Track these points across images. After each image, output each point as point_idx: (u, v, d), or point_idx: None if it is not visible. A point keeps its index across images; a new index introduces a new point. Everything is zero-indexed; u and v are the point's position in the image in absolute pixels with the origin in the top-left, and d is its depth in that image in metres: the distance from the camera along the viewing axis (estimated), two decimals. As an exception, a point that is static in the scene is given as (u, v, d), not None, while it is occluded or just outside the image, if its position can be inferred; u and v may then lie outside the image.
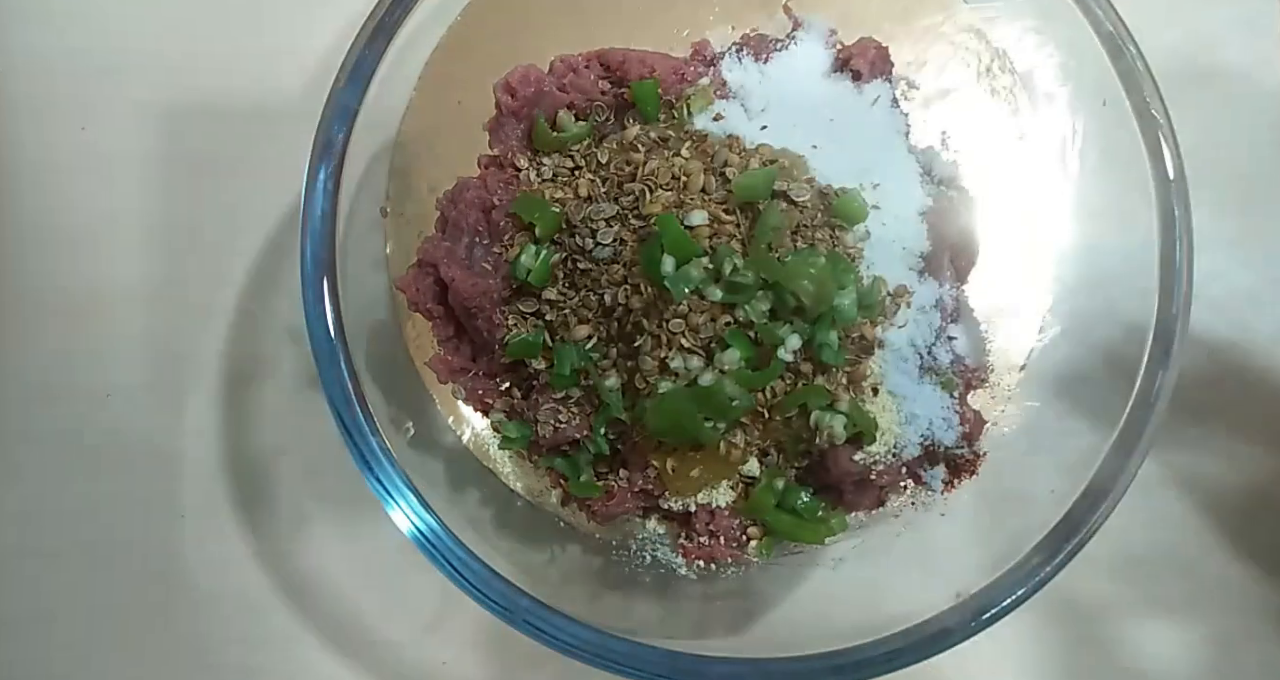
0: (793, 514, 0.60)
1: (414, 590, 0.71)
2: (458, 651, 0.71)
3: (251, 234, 0.73)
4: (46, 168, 0.74)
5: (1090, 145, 0.65)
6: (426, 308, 0.63)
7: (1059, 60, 0.66)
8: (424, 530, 0.57)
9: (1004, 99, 0.68)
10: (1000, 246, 0.66)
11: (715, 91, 0.62)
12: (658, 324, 0.56)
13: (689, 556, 0.62)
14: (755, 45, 0.64)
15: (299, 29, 0.74)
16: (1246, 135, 0.74)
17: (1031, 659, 0.71)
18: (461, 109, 0.66)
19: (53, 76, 0.75)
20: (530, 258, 0.59)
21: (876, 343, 0.58)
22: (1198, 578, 0.71)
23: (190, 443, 0.72)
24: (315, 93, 0.59)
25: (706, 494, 0.61)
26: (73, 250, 0.73)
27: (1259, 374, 0.72)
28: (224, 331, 0.73)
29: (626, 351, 0.58)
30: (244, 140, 0.74)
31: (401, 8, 0.59)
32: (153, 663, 0.71)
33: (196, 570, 0.72)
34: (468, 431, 0.68)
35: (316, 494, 0.72)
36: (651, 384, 0.57)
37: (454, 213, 0.62)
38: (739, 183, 0.56)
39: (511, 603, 0.56)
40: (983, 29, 0.67)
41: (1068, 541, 0.57)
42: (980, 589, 0.57)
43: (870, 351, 0.58)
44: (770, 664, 0.56)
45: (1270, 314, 0.73)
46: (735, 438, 0.58)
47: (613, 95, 0.63)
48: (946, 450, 0.61)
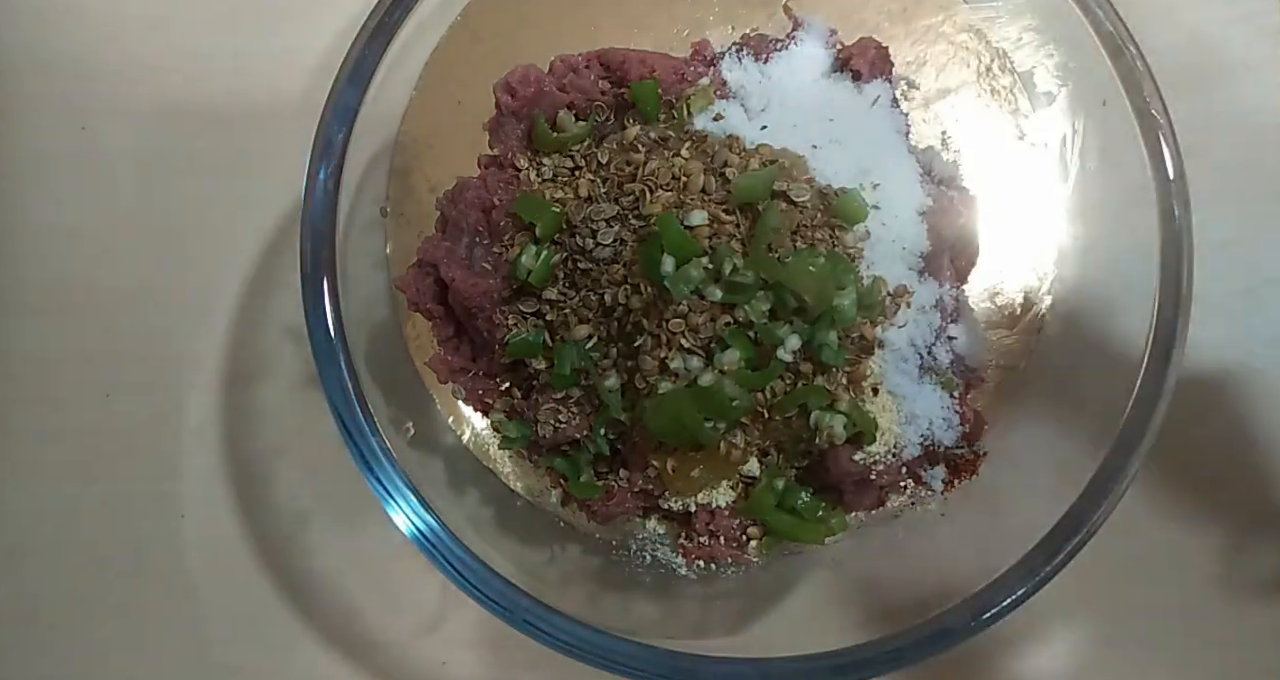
0: (793, 514, 0.60)
1: (414, 590, 0.71)
2: (458, 651, 0.71)
3: (251, 234, 0.73)
4: (46, 168, 0.74)
5: (1090, 145, 0.65)
6: (426, 308, 0.63)
7: (1059, 60, 0.66)
8: (424, 530, 0.57)
9: (1004, 99, 0.68)
10: (1000, 246, 0.66)
11: (715, 91, 0.62)
12: (658, 324, 0.56)
13: (689, 556, 0.62)
14: (755, 45, 0.64)
15: (299, 29, 0.74)
16: (1246, 135, 0.74)
17: (1032, 659, 0.71)
18: (461, 109, 0.66)
19: (53, 76, 0.75)
20: (530, 258, 0.59)
21: (876, 343, 0.58)
22: (1198, 578, 0.71)
23: (190, 443, 0.72)
24: (315, 93, 0.59)
25: (706, 494, 0.61)
26: (73, 250, 0.73)
27: (1259, 374, 0.72)
28: (224, 331, 0.73)
29: (626, 351, 0.58)
30: (244, 140, 0.74)
31: (401, 8, 0.59)
32: (153, 663, 0.71)
33: (196, 570, 0.72)
34: (468, 431, 0.68)
35: (316, 494, 0.72)
36: (651, 384, 0.57)
37: (454, 213, 0.62)
38: (739, 183, 0.56)
39: (511, 603, 0.56)
40: (983, 29, 0.67)
41: (1068, 541, 0.57)
42: (980, 589, 0.57)
43: (870, 352, 0.58)
44: (770, 664, 0.56)
45: (1270, 314, 0.73)
46: (735, 438, 0.58)
47: (613, 95, 0.63)
48: (946, 450, 0.61)
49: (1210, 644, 0.71)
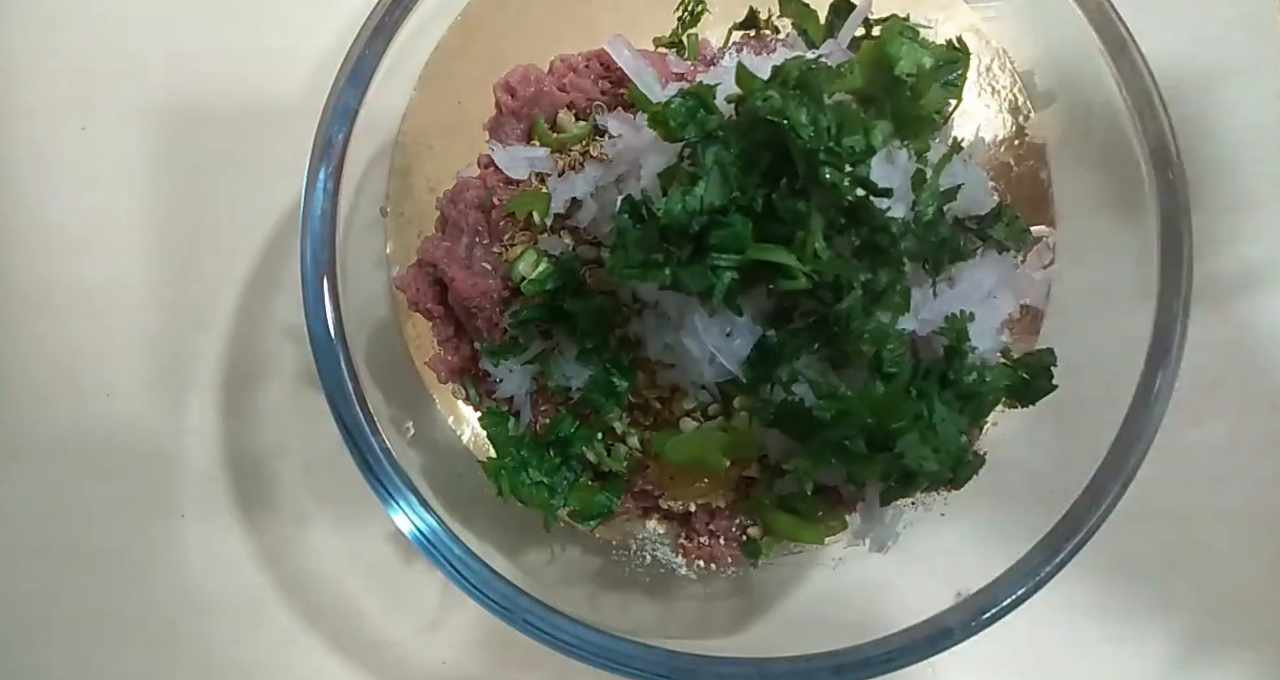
0: (793, 514, 0.60)
1: (414, 590, 0.71)
2: (458, 651, 0.71)
3: (251, 234, 0.73)
4: (46, 168, 0.74)
5: (1090, 145, 0.65)
6: (426, 308, 0.63)
7: (1059, 60, 0.65)
8: (424, 530, 0.57)
9: (1004, 99, 0.67)
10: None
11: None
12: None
13: (689, 556, 0.63)
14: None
15: (299, 29, 0.74)
16: (1246, 135, 0.74)
17: (1031, 659, 0.71)
18: (461, 109, 0.66)
19: (53, 76, 0.75)
20: (529, 265, 0.59)
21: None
22: (1197, 578, 0.71)
23: (190, 443, 0.72)
24: (315, 93, 0.59)
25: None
26: (73, 250, 0.73)
27: (1259, 374, 0.72)
28: (224, 331, 0.73)
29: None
30: (244, 140, 0.74)
31: (401, 8, 0.59)
32: (153, 663, 0.71)
33: (196, 570, 0.72)
34: (468, 431, 0.68)
35: (316, 494, 0.72)
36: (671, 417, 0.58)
37: (454, 212, 0.62)
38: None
39: (511, 603, 0.56)
40: (983, 29, 0.67)
41: (1068, 541, 0.57)
42: (980, 589, 0.57)
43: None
44: (770, 664, 0.56)
45: (1270, 313, 0.73)
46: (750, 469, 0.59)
47: (613, 95, 0.63)
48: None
49: (1211, 644, 0.71)
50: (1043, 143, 0.67)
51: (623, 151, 0.58)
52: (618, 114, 0.60)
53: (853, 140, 0.49)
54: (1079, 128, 0.66)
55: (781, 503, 0.60)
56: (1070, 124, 0.66)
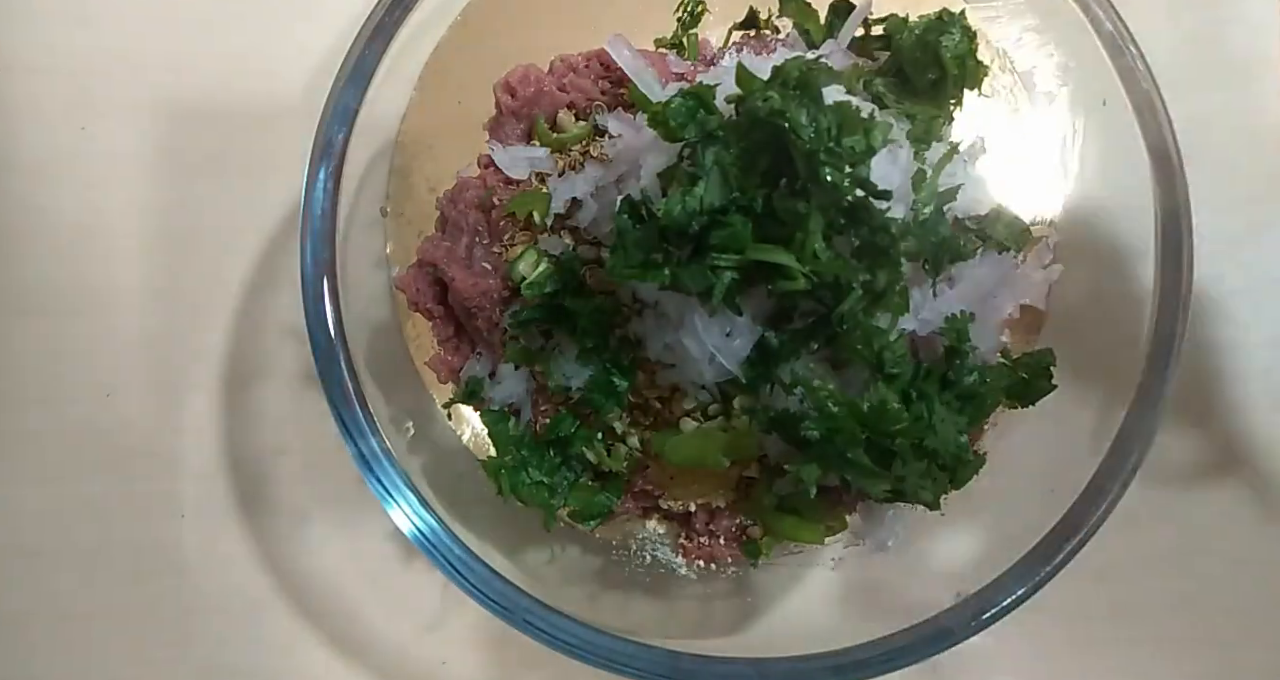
0: (793, 514, 0.60)
1: (414, 590, 0.71)
2: (458, 651, 0.71)
3: (251, 234, 0.73)
4: (46, 168, 0.74)
5: (1090, 145, 0.65)
6: (426, 308, 0.63)
7: (1059, 60, 0.65)
8: (424, 530, 0.57)
9: (1004, 99, 0.67)
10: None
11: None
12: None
13: (689, 556, 0.63)
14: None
15: (299, 29, 0.74)
16: (1246, 136, 0.74)
17: (1031, 659, 0.71)
18: (461, 109, 0.66)
19: (53, 76, 0.75)
20: (529, 265, 0.59)
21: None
22: (1197, 578, 0.71)
23: (190, 443, 0.72)
24: (315, 93, 0.59)
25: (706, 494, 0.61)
26: (73, 250, 0.73)
27: (1259, 374, 0.72)
28: (224, 331, 0.73)
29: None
30: (244, 140, 0.74)
31: (401, 8, 0.59)
32: (153, 663, 0.71)
33: (196, 570, 0.72)
34: (468, 431, 0.68)
35: (316, 494, 0.72)
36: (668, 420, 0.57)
37: (454, 213, 0.62)
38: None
39: (511, 603, 0.56)
40: (983, 29, 0.67)
41: (1068, 541, 0.57)
42: (980, 589, 0.57)
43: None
44: (770, 664, 0.56)
45: (1270, 314, 0.73)
46: (750, 469, 0.59)
47: (613, 95, 0.63)
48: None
49: (1211, 644, 0.71)
50: (1042, 143, 0.67)
51: (623, 151, 0.58)
52: (618, 114, 0.60)
53: (853, 140, 0.49)
54: (1079, 128, 0.66)
55: (781, 503, 0.60)
56: (1070, 124, 0.66)
